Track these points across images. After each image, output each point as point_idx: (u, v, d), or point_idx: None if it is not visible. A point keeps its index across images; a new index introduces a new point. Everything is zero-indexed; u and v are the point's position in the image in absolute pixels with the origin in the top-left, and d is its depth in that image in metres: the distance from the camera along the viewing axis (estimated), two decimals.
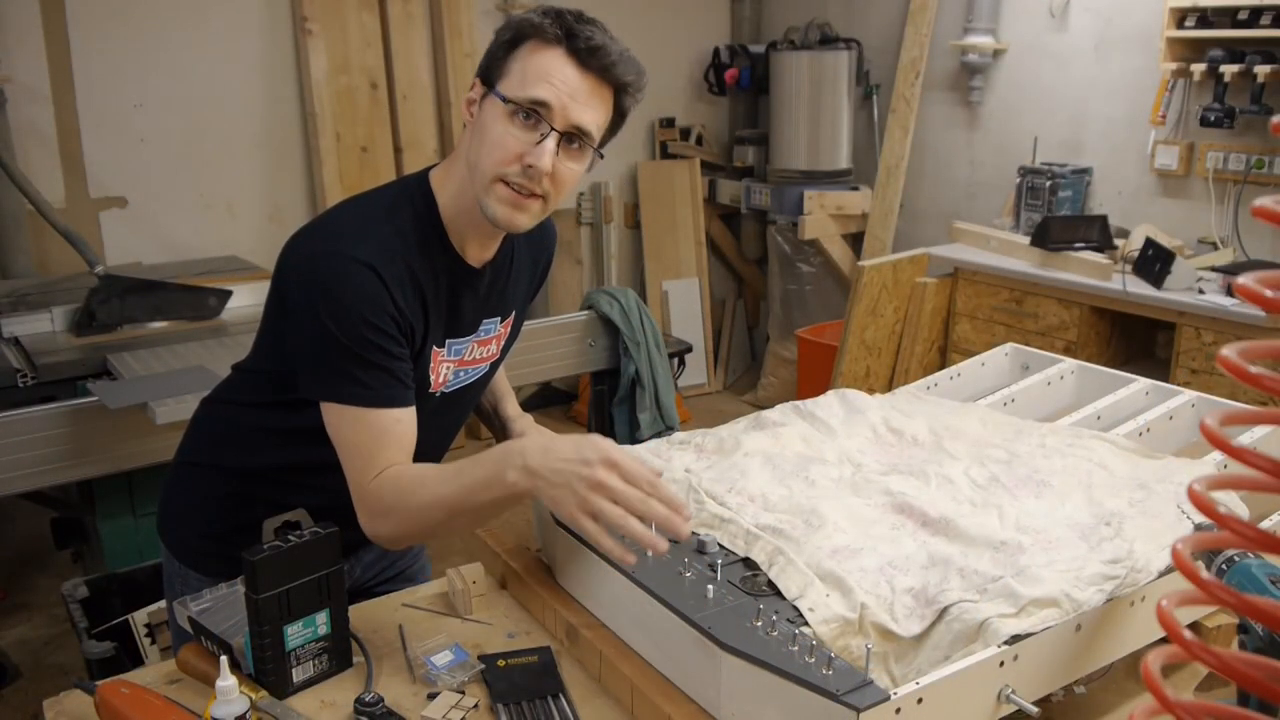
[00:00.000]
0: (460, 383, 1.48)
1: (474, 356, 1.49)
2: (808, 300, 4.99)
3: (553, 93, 1.26)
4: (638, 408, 3.17)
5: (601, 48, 1.27)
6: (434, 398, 1.43)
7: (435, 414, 1.47)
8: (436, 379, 1.42)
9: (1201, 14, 3.45)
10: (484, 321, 1.47)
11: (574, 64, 1.27)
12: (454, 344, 1.43)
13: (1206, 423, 0.55)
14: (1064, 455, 1.52)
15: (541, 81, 1.26)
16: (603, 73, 1.28)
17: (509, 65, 1.29)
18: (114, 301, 3.00)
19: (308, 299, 1.28)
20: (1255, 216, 0.54)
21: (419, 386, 1.38)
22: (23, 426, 2.34)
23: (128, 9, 3.90)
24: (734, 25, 5.49)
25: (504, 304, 1.50)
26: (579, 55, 1.27)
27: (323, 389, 1.31)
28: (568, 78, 1.27)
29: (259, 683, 1.22)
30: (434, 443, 1.51)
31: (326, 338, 1.27)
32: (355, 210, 1.38)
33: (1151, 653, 0.56)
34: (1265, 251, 3.61)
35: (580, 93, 1.28)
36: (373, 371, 1.29)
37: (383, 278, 1.28)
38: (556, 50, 1.27)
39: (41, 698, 1.26)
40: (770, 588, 1.18)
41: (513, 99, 1.27)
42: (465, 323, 1.43)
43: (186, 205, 4.15)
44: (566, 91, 1.27)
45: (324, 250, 1.30)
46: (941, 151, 4.67)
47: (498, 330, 1.50)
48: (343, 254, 1.28)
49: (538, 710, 1.20)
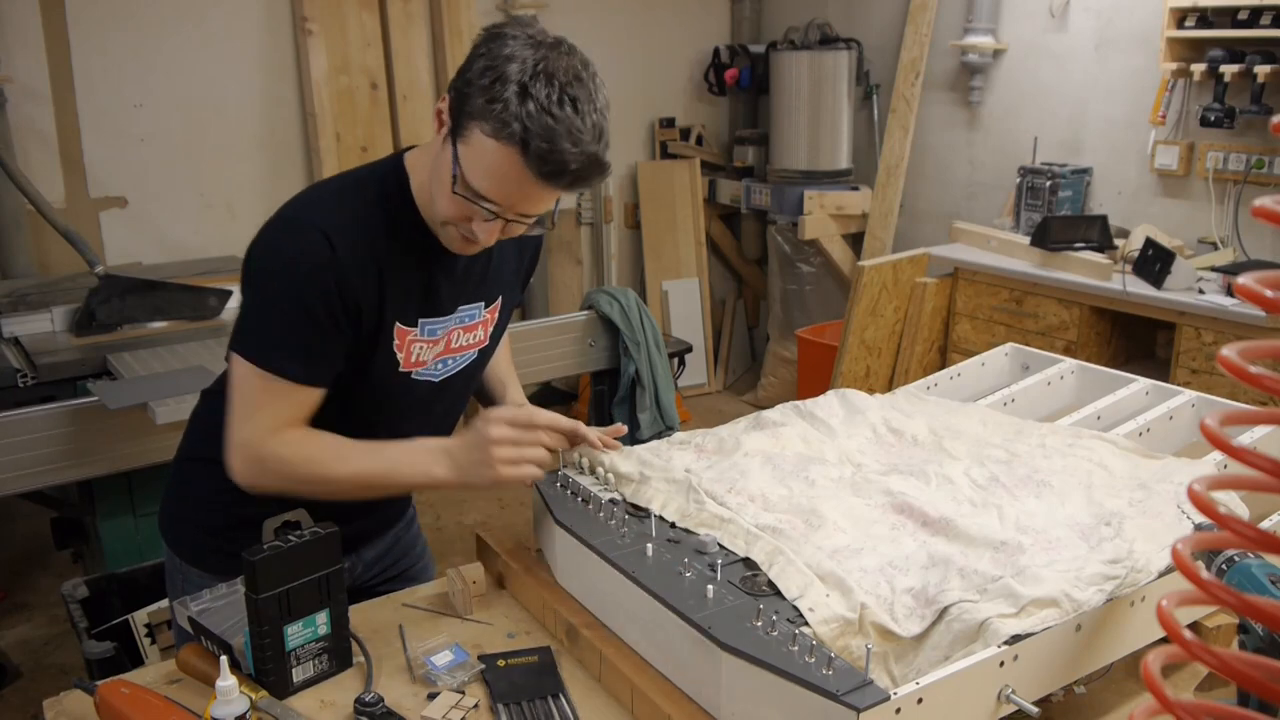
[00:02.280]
0: (449, 370, 1.48)
1: (460, 343, 1.48)
2: (808, 300, 4.99)
3: (502, 196, 1.25)
4: (638, 408, 3.17)
5: (556, 164, 1.21)
6: (410, 379, 1.43)
7: (426, 401, 1.48)
8: (407, 358, 1.41)
9: (1201, 14, 3.45)
10: (464, 306, 1.46)
11: (528, 173, 1.22)
12: (428, 324, 1.42)
13: (1206, 423, 0.55)
14: (1064, 455, 1.52)
15: (490, 180, 1.24)
16: (555, 184, 1.24)
17: (469, 132, 1.23)
18: (114, 301, 3.00)
19: (255, 257, 1.33)
20: (1255, 216, 0.54)
21: (385, 365, 1.39)
22: (23, 426, 2.34)
23: (128, 9, 3.90)
24: (734, 25, 5.49)
25: (487, 290, 1.49)
26: (534, 171, 1.22)
27: (241, 342, 1.33)
28: (520, 185, 1.24)
29: (259, 683, 1.22)
30: (425, 430, 1.51)
31: (263, 294, 1.32)
32: (320, 186, 1.41)
33: (1151, 653, 0.56)
34: (1265, 251, 3.61)
35: (533, 197, 1.27)
36: (293, 340, 1.31)
37: (332, 244, 1.29)
38: (509, 154, 1.21)
39: (41, 698, 1.27)
40: (770, 588, 1.18)
41: (463, 180, 1.24)
42: (441, 303, 1.42)
43: (186, 205, 4.15)
44: (518, 195, 1.25)
45: (280, 215, 1.35)
46: (941, 151, 4.67)
47: (482, 316, 1.50)
48: (296, 219, 1.33)
49: (538, 710, 1.20)
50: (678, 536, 1.32)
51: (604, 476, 1.47)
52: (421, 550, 1.76)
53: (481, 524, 3.78)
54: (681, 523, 1.35)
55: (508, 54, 1.21)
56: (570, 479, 1.47)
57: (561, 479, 1.48)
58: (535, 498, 1.48)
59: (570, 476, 1.48)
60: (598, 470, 1.48)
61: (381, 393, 1.43)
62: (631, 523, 1.34)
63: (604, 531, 1.32)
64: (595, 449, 1.45)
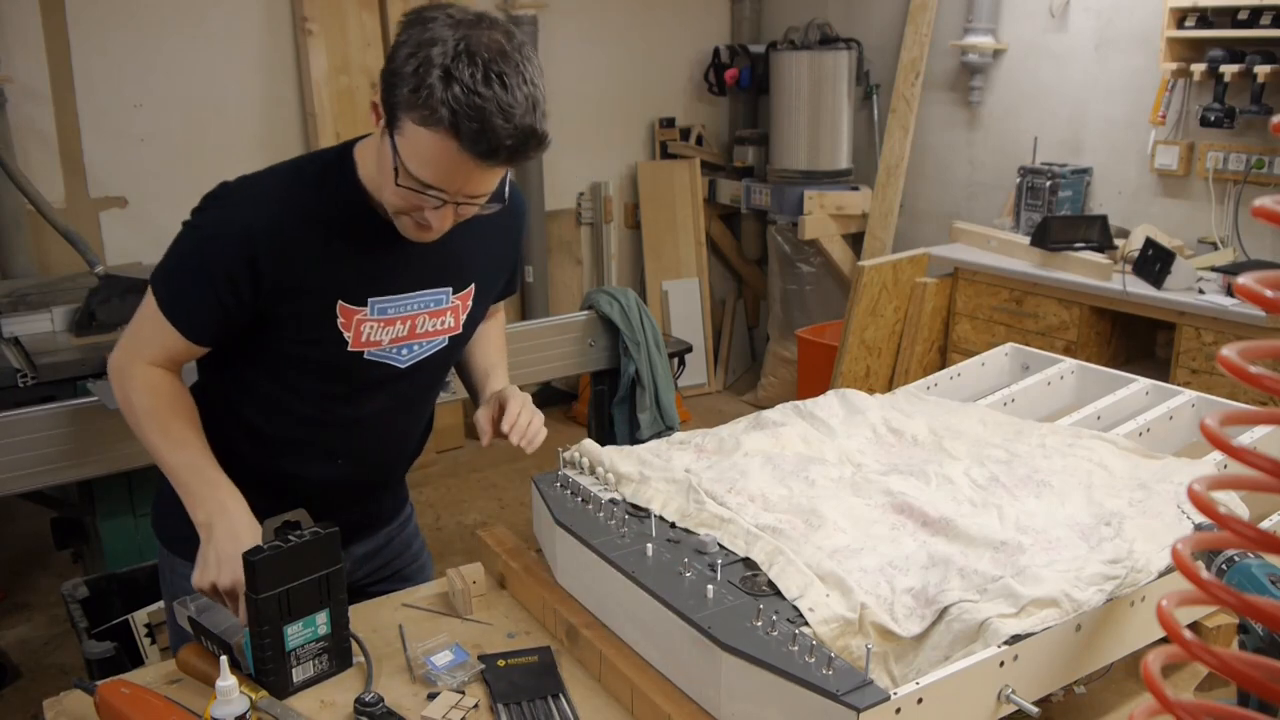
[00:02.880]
0: (416, 356, 1.48)
1: (426, 329, 1.47)
2: (808, 300, 4.99)
3: (445, 182, 1.25)
4: (638, 408, 3.17)
5: (489, 143, 1.19)
6: (362, 358, 1.43)
7: (392, 384, 1.47)
8: (356, 337, 1.41)
9: (1201, 14, 3.45)
10: (427, 291, 1.45)
11: (465, 156, 1.21)
12: (379, 303, 1.41)
13: (1206, 423, 0.55)
14: (1064, 455, 1.52)
15: (430, 168, 1.23)
16: (493, 161, 1.23)
17: (401, 123, 1.22)
18: (114, 301, 2.99)
19: (192, 211, 1.40)
20: (1255, 216, 0.54)
21: (333, 342, 1.40)
22: (23, 426, 2.34)
23: (128, 9, 3.90)
24: (734, 25, 5.49)
25: (457, 275, 1.48)
26: (471, 153, 1.20)
27: (156, 277, 1.42)
28: (460, 169, 1.23)
29: (259, 683, 1.22)
30: (398, 415, 1.53)
31: (182, 247, 1.39)
32: (269, 169, 1.43)
33: (1151, 653, 0.56)
34: (1265, 251, 3.61)
35: (475, 178, 1.26)
36: (190, 296, 1.36)
37: (254, 223, 1.33)
38: (442, 140, 1.20)
39: (41, 698, 1.27)
40: (770, 588, 1.18)
41: (405, 171, 1.24)
42: (389, 283, 1.42)
43: (186, 205, 4.08)
44: (459, 178, 1.25)
45: (223, 183, 1.40)
46: (941, 151, 4.67)
47: (451, 302, 1.49)
48: (231, 193, 1.38)
49: (538, 710, 1.20)
50: (678, 536, 1.32)
51: (604, 476, 1.47)
52: (418, 550, 1.76)
53: (481, 524, 3.78)
54: (681, 523, 1.35)
55: (429, 37, 1.21)
56: (570, 479, 1.47)
57: (561, 479, 1.48)
58: (535, 498, 1.48)
59: (570, 476, 1.48)
60: (598, 470, 1.48)
61: (336, 369, 1.43)
62: (631, 523, 1.34)
63: (604, 531, 1.32)
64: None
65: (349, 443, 1.51)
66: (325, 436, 1.49)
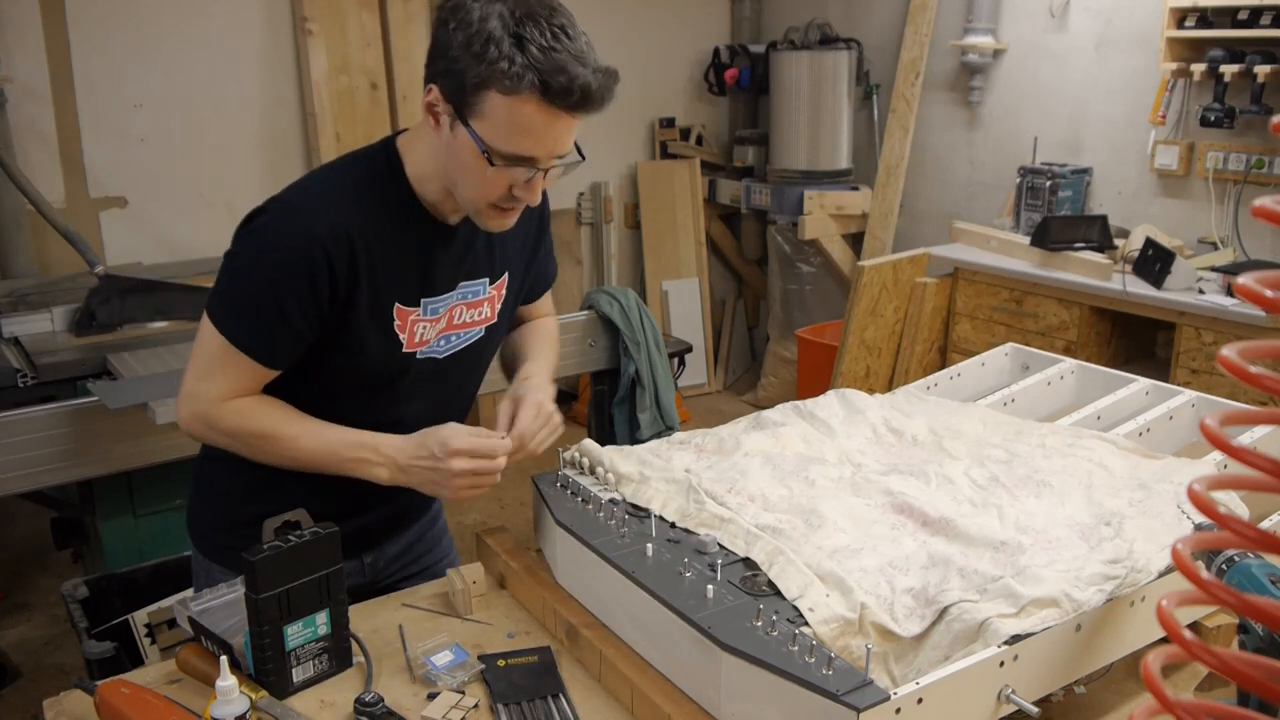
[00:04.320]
0: (453, 347, 1.48)
1: (463, 320, 1.47)
2: (808, 300, 4.99)
3: (538, 147, 1.25)
4: (638, 408, 3.17)
5: (581, 91, 1.21)
6: (414, 358, 1.43)
7: (431, 378, 1.47)
8: (410, 338, 1.41)
9: (1201, 14, 3.45)
10: (465, 283, 1.45)
11: (554, 111, 1.22)
12: (430, 303, 1.41)
13: (1206, 423, 0.55)
14: (1064, 455, 1.52)
15: (524, 136, 1.23)
16: (584, 111, 1.24)
17: (480, 104, 1.22)
18: (114, 301, 2.99)
19: (241, 234, 1.35)
20: (1255, 216, 0.54)
21: (388, 346, 1.39)
22: (23, 426, 2.34)
23: (128, 9, 3.90)
24: (734, 25, 5.49)
25: (491, 266, 1.48)
26: (559, 105, 1.21)
27: (213, 307, 1.36)
28: (552, 128, 1.24)
29: (259, 683, 1.22)
30: (439, 406, 1.52)
31: (239, 270, 1.34)
32: (314, 173, 1.41)
33: (1151, 653, 0.56)
34: (1265, 251, 3.61)
35: (564, 134, 1.26)
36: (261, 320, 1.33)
37: (315, 235, 1.30)
38: (532, 102, 1.21)
39: (41, 698, 1.27)
40: (770, 588, 1.18)
41: (495, 152, 1.24)
42: (441, 281, 1.42)
43: (186, 205, 4.15)
44: (551, 138, 1.25)
45: (272, 199, 1.36)
46: (941, 151, 4.67)
47: (488, 293, 1.49)
48: (286, 206, 1.34)
49: (538, 710, 1.20)
50: (678, 536, 1.32)
51: (604, 476, 1.47)
52: (447, 547, 1.76)
53: (482, 524, 3.78)
54: (681, 523, 1.35)
55: (480, 16, 1.21)
56: (570, 479, 1.47)
57: (561, 479, 1.48)
58: (535, 498, 1.48)
59: (570, 476, 1.48)
60: (598, 470, 1.48)
61: (385, 371, 1.43)
62: (631, 523, 1.34)
63: (604, 531, 1.32)
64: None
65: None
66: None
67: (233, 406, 1.36)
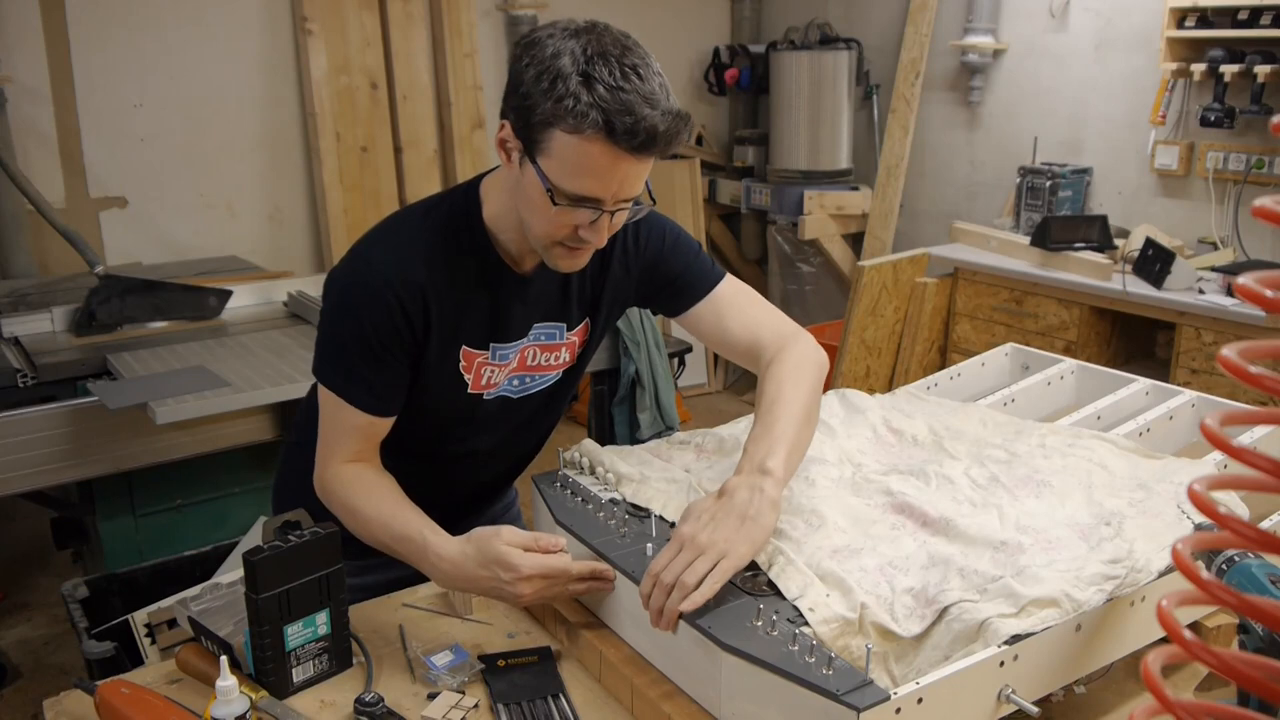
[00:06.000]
0: (528, 389, 1.48)
1: (537, 362, 1.46)
2: (808, 300, 4.99)
3: (602, 188, 1.22)
4: (638, 408, 3.17)
5: (647, 133, 1.17)
6: (482, 399, 1.43)
7: (505, 415, 1.48)
8: (477, 380, 1.41)
9: (1201, 14, 3.45)
10: (539, 326, 1.44)
11: (618, 151, 1.18)
12: (500, 349, 1.41)
13: (1206, 423, 0.55)
14: (1064, 455, 1.51)
15: (587, 177, 1.20)
16: (649, 153, 1.22)
17: (547, 142, 1.20)
18: (114, 301, 2.99)
19: (328, 292, 1.37)
20: (1255, 216, 0.54)
21: (452, 387, 1.40)
22: (23, 426, 2.34)
23: (128, 9, 3.90)
24: (734, 25, 5.49)
25: (568, 311, 1.46)
26: (623, 145, 1.18)
27: (317, 367, 1.39)
28: (616, 169, 1.21)
29: (259, 683, 1.22)
30: (512, 440, 1.53)
31: (333, 328, 1.36)
32: (391, 217, 1.41)
33: (1151, 653, 0.56)
34: (1265, 251, 3.61)
35: (630, 176, 1.23)
36: (358, 371, 1.34)
37: (395, 278, 1.31)
38: (597, 142, 1.17)
39: (41, 698, 1.27)
40: (770, 588, 1.18)
41: (559, 191, 1.21)
42: (513, 329, 1.41)
43: (186, 205, 4.15)
44: (616, 181, 1.22)
45: (351, 250, 1.38)
46: (941, 151, 4.67)
47: (565, 339, 1.47)
48: (363, 254, 1.36)
49: (538, 710, 1.20)
50: None
51: (604, 476, 1.47)
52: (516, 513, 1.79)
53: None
54: None
55: (553, 52, 1.19)
56: (570, 479, 1.47)
57: (561, 479, 1.48)
58: (535, 498, 1.48)
59: (570, 476, 1.48)
60: (598, 470, 1.48)
61: (453, 410, 1.44)
62: (631, 523, 1.34)
63: (604, 531, 1.32)
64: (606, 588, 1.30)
65: (462, 472, 1.55)
66: (436, 469, 1.50)
67: (338, 475, 1.37)
